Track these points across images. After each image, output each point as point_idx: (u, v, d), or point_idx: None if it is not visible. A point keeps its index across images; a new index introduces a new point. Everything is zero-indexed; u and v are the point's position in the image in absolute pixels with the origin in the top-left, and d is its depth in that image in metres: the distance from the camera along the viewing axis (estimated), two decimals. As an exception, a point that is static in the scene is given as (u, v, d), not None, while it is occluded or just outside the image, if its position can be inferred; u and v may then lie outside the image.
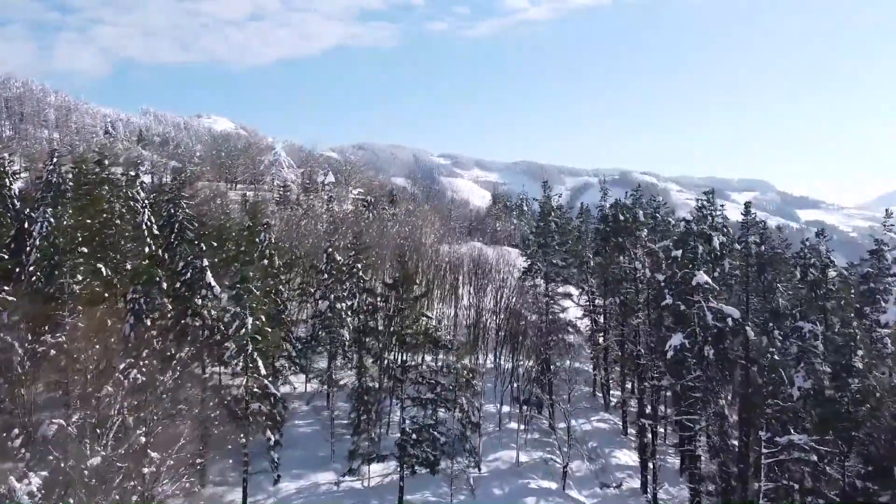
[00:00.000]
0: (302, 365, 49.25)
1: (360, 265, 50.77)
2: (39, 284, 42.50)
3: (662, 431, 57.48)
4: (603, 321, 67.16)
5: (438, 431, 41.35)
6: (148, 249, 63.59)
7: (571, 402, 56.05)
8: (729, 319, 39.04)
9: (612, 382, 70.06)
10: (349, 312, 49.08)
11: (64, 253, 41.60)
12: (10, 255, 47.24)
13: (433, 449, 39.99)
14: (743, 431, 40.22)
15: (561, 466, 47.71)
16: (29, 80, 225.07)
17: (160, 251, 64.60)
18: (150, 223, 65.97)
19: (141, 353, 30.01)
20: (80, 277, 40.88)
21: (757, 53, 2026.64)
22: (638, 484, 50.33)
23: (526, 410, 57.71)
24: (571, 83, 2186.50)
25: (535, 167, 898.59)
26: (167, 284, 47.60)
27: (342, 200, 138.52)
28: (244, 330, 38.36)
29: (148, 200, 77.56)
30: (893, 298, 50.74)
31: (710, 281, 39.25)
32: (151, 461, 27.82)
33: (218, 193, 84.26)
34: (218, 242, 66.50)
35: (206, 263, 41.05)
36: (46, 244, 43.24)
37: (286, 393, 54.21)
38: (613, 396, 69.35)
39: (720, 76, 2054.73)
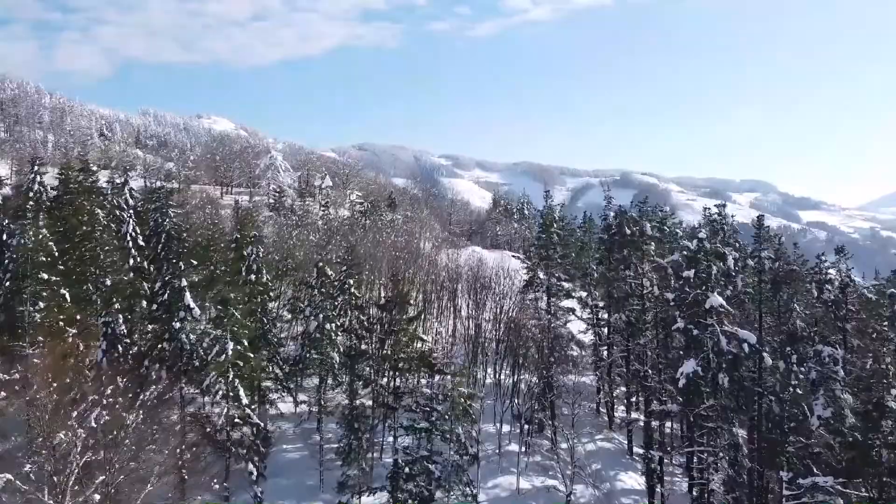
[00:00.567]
0: (289, 387, 46.60)
1: (351, 281, 48.17)
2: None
3: (669, 450, 55.00)
4: (607, 334, 64.58)
5: (434, 462, 38.70)
6: (133, 261, 61.30)
7: (574, 424, 53.65)
8: (745, 345, 36.41)
9: (616, 398, 67.53)
10: (340, 331, 46.52)
11: (24, 278, 38.47)
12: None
13: (428, 483, 37.31)
14: (759, 465, 37.55)
15: (564, 494, 45.08)
16: (24, 81, 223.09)
17: (146, 263, 62.21)
18: (135, 233, 63.50)
19: (106, 389, 27.22)
20: (41, 305, 37.73)
21: (758, 54, 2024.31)
22: (646, 511, 47.74)
23: (527, 430, 55.29)
24: (573, 84, 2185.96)
25: (535, 168, 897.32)
26: (147, 302, 45.11)
27: (340, 204, 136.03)
28: (224, 356, 35.74)
29: (137, 208, 75.27)
30: None
31: (724, 303, 36.59)
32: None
33: (209, 200, 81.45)
34: (205, 254, 64.11)
35: (184, 284, 38.36)
36: (15, 265, 40.20)
37: (274, 415, 51.69)
38: (617, 412, 66.77)
39: (721, 77, 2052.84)
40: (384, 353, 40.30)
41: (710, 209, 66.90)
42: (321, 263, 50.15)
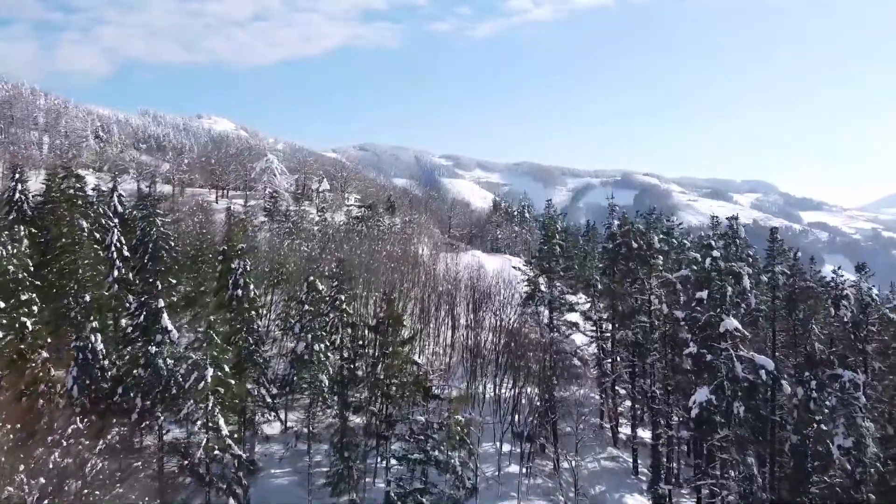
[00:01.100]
0: (277, 411, 44.11)
1: (343, 297, 45.68)
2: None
3: (676, 467, 52.74)
4: (611, 347, 62.14)
5: (429, 493, 36.27)
6: (118, 272, 58.81)
7: (578, 444, 51.43)
8: (762, 371, 33.97)
9: (621, 414, 65.16)
10: (331, 351, 44.06)
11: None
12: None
13: (422, 518, 34.91)
14: (776, 499, 35.09)
15: (566, 522, 42.74)
16: (19, 82, 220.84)
17: (131, 274, 59.70)
18: (120, 244, 60.98)
19: (66, 430, 24.76)
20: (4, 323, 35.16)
21: (759, 54, 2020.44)
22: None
23: (528, 449, 53.11)
24: (574, 84, 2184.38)
25: (536, 168, 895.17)
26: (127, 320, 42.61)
27: (338, 208, 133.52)
28: (203, 382, 33.30)
29: (125, 215, 72.73)
30: None
31: (739, 327, 34.14)
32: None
33: (200, 207, 78.91)
34: (193, 265, 61.67)
35: (161, 304, 35.87)
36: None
37: (263, 435, 49.29)
38: (622, 426, 64.40)
39: (723, 77, 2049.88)
40: (376, 375, 37.87)
41: (717, 218, 64.58)
42: (311, 277, 47.67)
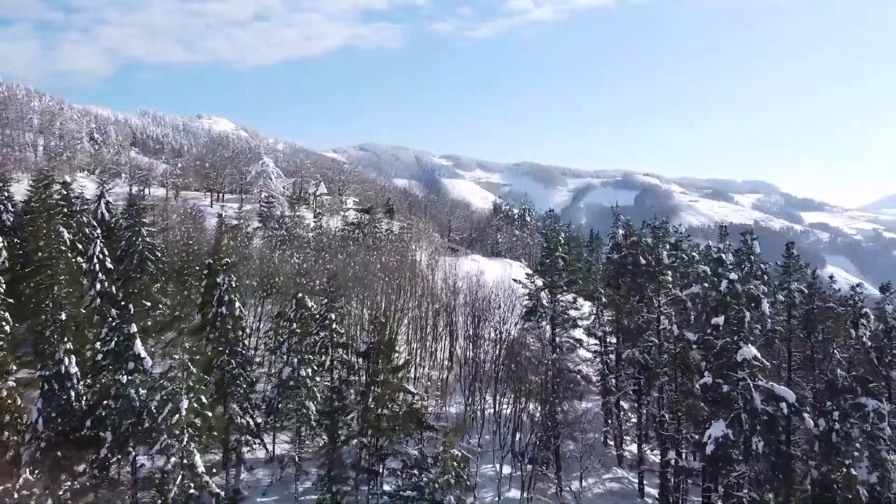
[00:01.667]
0: (262, 437, 41.43)
1: (333, 315, 43.11)
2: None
3: (685, 487, 50.33)
4: (616, 362, 59.58)
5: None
6: (100, 286, 56.20)
7: (581, 467, 49.09)
8: (783, 405, 31.40)
9: (626, 430, 62.66)
10: (320, 374, 41.51)
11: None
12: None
13: (414, 561, 32.36)
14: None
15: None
16: (14, 83, 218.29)
17: (114, 287, 57.05)
18: (102, 255, 58.38)
19: (16, 482, 22.18)
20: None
21: (761, 55, 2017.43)
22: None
23: (529, 471, 50.68)
24: (574, 84, 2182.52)
25: (537, 168, 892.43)
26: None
27: (335, 211, 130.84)
28: (178, 416, 30.71)
29: (111, 224, 70.09)
30: None
31: (758, 355, 31.56)
32: None
33: (189, 215, 76.14)
34: (179, 277, 59.18)
35: (134, 329, 33.26)
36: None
37: (250, 458, 46.65)
38: (627, 445, 61.86)
39: (723, 77, 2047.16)
40: (367, 404, 35.26)
41: (725, 228, 62.00)
42: (301, 294, 45.07)
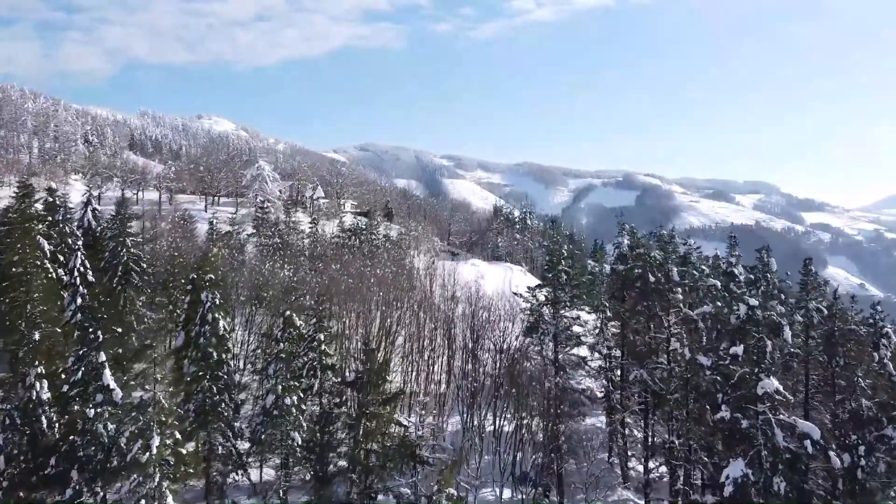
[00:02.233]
0: (246, 468, 38.80)
1: (322, 335, 40.52)
2: None
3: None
4: (621, 379, 57.03)
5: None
6: (81, 300, 53.62)
7: (586, 490, 46.75)
8: (807, 442, 28.81)
9: (630, 445, 60.18)
10: (310, 399, 38.91)
11: None
12: None
13: None
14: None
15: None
16: (8, 84, 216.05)
17: (95, 301, 54.47)
18: (84, 268, 55.77)
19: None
20: None
21: (762, 55, 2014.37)
22: None
23: (531, 495, 48.33)
24: (575, 84, 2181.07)
25: (537, 169, 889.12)
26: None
27: (333, 215, 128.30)
28: (148, 454, 28.16)
29: (96, 232, 67.32)
30: None
31: (780, 388, 28.96)
32: None
33: (178, 223, 73.46)
34: (164, 291, 56.66)
35: (103, 359, 30.64)
36: None
37: (233, 488, 44.05)
38: (632, 462, 59.32)
39: (724, 77, 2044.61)
40: (356, 437, 32.70)
41: (735, 238, 59.28)
42: (288, 312, 42.44)
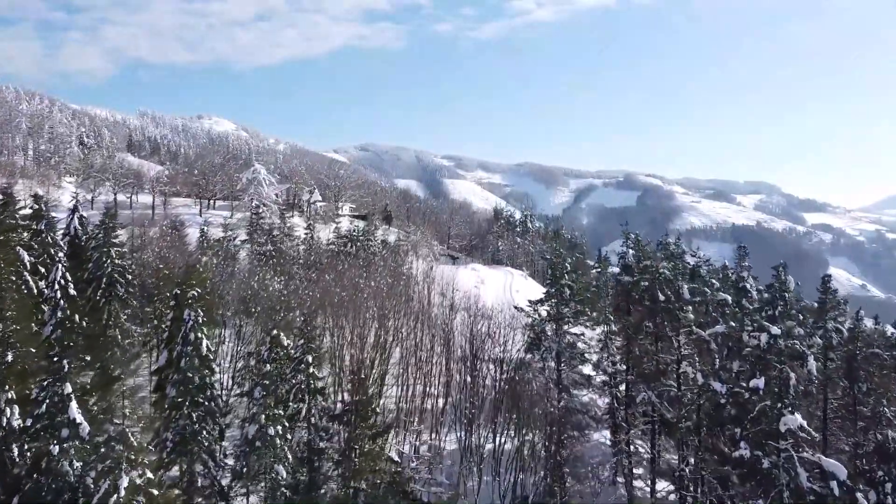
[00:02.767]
0: (230, 501, 36.47)
1: (310, 357, 38.14)
2: None
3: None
4: (626, 392, 54.74)
5: None
6: (61, 314, 51.33)
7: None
8: (833, 483, 26.46)
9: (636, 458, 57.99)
10: (298, 424, 36.56)
11: None
12: None
13: None
14: None
15: None
16: (3, 85, 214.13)
17: (76, 316, 52.23)
18: (64, 281, 53.41)
19: None
20: None
21: (763, 55, 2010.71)
22: None
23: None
24: (576, 84, 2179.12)
25: (538, 169, 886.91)
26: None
27: (330, 219, 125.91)
28: (116, 497, 25.81)
29: (81, 241, 64.92)
30: None
31: (804, 425, 26.62)
32: None
33: (164, 233, 70.97)
34: (148, 304, 54.35)
35: (68, 390, 28.28)
36: None
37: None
38: (637, 481, 57.08)
39: (726, 78, 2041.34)
40: (345, 475, 30.35)
41: (745, 248, 57.02)
42: (275, 331, 40.11)
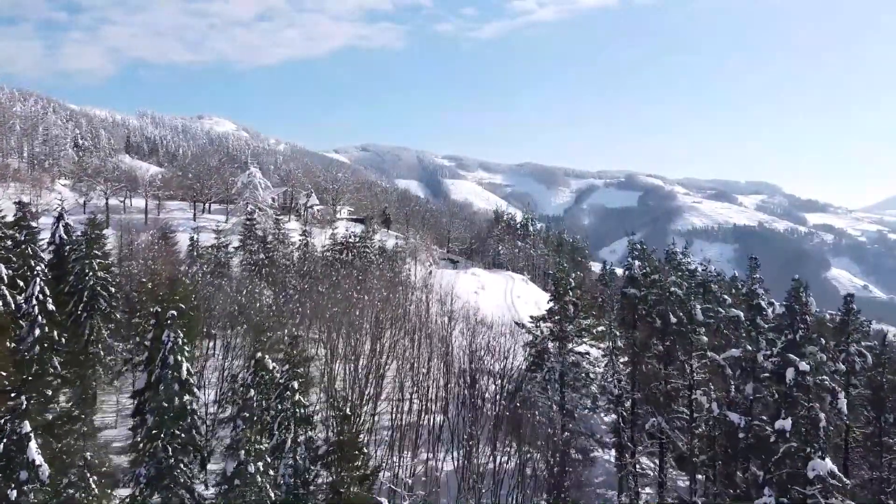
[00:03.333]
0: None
1: (296, 383, 35.57)
2: None
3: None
4: (631, 410, 52.21)
5: None
6: (40, 331, 48.83)
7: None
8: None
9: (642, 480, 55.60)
10: (282, 456, 33.99)
11: None
12: None
13: None
14: None
15: None
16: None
17: (55, 332, 49.75)
18: (43, 296, 50.83)
19: None
20: None
21: (764, 56, 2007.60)
22: None
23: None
24: (577, 85, 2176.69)
25: (539, 169, 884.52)
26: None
27: (328, 223, 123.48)
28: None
29: (65, 252, 62.40)
30: None
31: (835, 470, 24.09)
32: None
33: (152, 243, 68.12)
34: (129, 322, 51.87)
35: (27, 429, 25.73)
36: None
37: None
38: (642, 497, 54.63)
39: (727, 78, 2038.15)
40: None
41: (756, 260, 54.39)
42: (259, 354, 37.59)
